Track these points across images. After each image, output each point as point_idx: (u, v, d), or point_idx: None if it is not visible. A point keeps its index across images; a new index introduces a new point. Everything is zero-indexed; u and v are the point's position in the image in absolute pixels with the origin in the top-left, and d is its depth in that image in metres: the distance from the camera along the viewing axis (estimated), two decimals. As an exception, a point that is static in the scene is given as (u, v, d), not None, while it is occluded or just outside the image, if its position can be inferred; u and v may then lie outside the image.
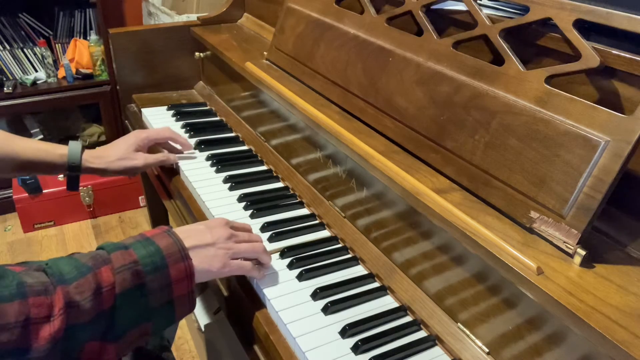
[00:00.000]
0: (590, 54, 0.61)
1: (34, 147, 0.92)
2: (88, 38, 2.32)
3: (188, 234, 0.70)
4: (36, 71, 2.31)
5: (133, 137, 1.04)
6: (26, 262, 0.83)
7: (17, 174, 0.97)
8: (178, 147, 1.13)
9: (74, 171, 0.96)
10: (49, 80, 2.27)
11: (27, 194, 2.13)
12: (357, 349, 0.66)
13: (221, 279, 0.86)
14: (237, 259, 0.73)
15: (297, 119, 1.00)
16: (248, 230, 0.80)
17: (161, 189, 1.19)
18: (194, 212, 0.98)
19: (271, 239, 0.87)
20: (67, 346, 0.56)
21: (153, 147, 1.10)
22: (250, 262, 0.75)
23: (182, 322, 1.75)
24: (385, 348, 0.68)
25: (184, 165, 1.08)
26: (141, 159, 1.03)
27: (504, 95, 0.68)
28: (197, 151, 1.15)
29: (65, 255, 0.91)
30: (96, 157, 0.99)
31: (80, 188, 2.20)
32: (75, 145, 0.96)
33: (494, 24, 0.73)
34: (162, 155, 1.07)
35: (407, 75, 0.82)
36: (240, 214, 0.93)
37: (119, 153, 1.01)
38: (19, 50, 2.28)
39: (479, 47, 0.79)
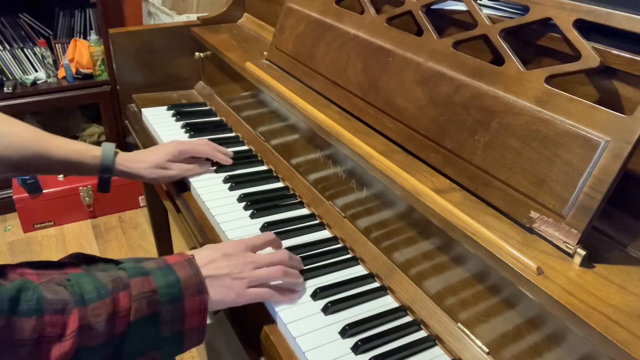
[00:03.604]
0: (590, 54, 0.61)
1: (67, 147, 0.91)
2: (88, 38, 2.32)
3: (205, 261, 0.69)
4: (36, 71, 2.31)
5: (172, 148, 1.02)
6: (41, 264, 0.83)
7: (47, 173, 0.97)
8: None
9: (106, 173, 0.95)
10: (49, 80, 2.27)
11: (27, 194, 2.13)
12: (357, 349, 0.66)
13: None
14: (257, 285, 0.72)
15: (297, 119, 1.00)
16: (270, 243, 0.77)
17: (161, 189, 1.19)
18: (193, 212, 0.98)
19: (271, 239, 0.87)
20: None
21: None
22: (267, 290, 0.72)
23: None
24: (385, 348, 0.68)
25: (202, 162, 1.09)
26: (176, 170, 1.02)
27: (504, 95, 0.68)
28: None
29: (66, 255, 0.92)
30: (131, 161, 0.98)
31: (80, 188, 2.21)
32: (108, 147, 0.95)
33: (494, 24, 0.73)
34: (198, 168, 1.05)
35: (407, 75, 0.82)
36: (240, 214, 0.93)
37: (156, 160, 1.00)
38: (19, 50, 2.28)
39: (479, 47, 0.79)
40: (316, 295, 0.75)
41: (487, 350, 0.65)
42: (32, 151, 0.88)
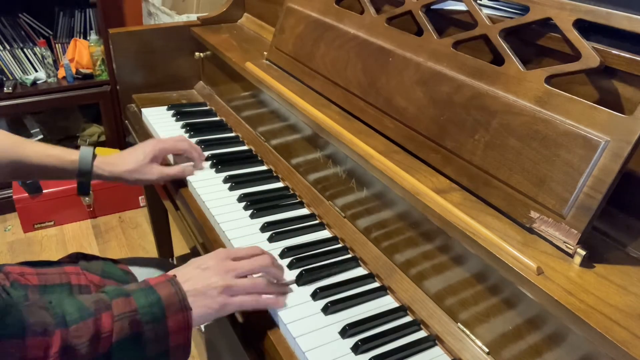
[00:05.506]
0: (590, 54, 0.61)
1: (45, 152, 0.90)
2: (88, 38, 2.32)
3: (186, 277, 0.69)
4: (36, 71, 2.31)
5: (150, 147, 1.00)
6: (40, 263, 0.83)
7: (27, 179, 0.95)
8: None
9: (84, 177, 0.93)
10: (49, 80, 2.27)
11: (27, 194, 2.13)
12: (357, 349, 0.66)
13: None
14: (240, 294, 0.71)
15: (297, 119, 1.00)
16: (254, 254, 0.75)
17: (161, 188, 1.19)
18: (194, 212, 0.98)
19: (271, 239, 0.87)
20: None
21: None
22: (252, 296, 0.71)
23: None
24: (385, 348, 0.68)
25: (180, 161, 1.08)
26: (156, 173, 0.99)
27: (504, 95, 0.68)
28: None
29: (66, 255, 0.92)
30: (109, 165, 0.95)
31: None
32: (86, 151, 0.93)
33: (494, 24, 0.73)
34: (178, 170, 1.03)
35: (407, 75, 0.82)
36: (240, 214, 0.93)
37: (135, 164, 0.97)
38: (19, 50, 2.28)
39: (479, 47, 0.79)
40: (316, 295, 0.75)
41: (487, 350, 0.65)
42: (9, 158, 0.87)
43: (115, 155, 0.99)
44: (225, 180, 1.03)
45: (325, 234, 0.91)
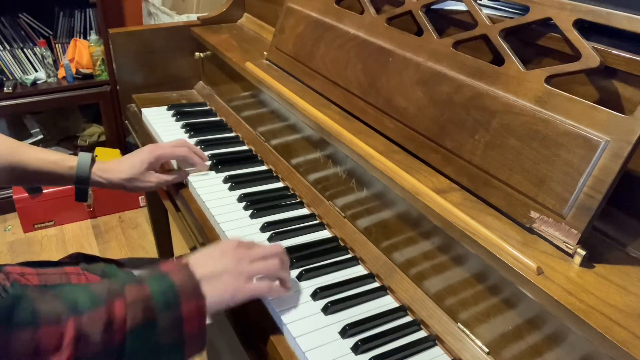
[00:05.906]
0: (590, 54, 0.61)
1: (43, 157, 0.89)
2: (88, 38, 2.32)
3: (199, 263, 0.68)
4: (36, 71, 2.31)
5: (147, 154, 0.98)
6: (40, 263, 0.82)
7: (24, 184, 0.94)
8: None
9: (82, 184, 0.92)
10: (49, 80, 2.27)
11: (27, 194, 2.13)
12: (357, 349, 0.66)
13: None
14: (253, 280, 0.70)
15: (297, 119, 1.00)
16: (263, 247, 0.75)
17: (161, 188, 1.19)
18: (194, 212, 0.98)
19: (271, 239, 0.87)
20: None
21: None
22: (267, 283, 0.71)
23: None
24: (385, 348, 0.68)
25: (183, 165, 1.08)
26: (154, 180, 0.98)
27: (504, 95, 0.68)
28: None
29: (66, 255, 0.92)
30: (106, 172, 0.94)
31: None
32: (84, 158, 0.92)
33: (494, 24, 0.73)
34: (175, 176, 1.03)
35: (407, 75, 0.82)
36: (240, 214, 0.93)
37: (131, 172, 0.96)
38: (19, 50, 2.28)
39: (479, 47, 0.79)
40: (316, 295, 0.75)
41: (487, 350, 0.65)
42: (7, 163, 0.86)
43: (113, 162, 0.98)
44: (225, 180, 1.03)
45: (325, 234, 0.91)
